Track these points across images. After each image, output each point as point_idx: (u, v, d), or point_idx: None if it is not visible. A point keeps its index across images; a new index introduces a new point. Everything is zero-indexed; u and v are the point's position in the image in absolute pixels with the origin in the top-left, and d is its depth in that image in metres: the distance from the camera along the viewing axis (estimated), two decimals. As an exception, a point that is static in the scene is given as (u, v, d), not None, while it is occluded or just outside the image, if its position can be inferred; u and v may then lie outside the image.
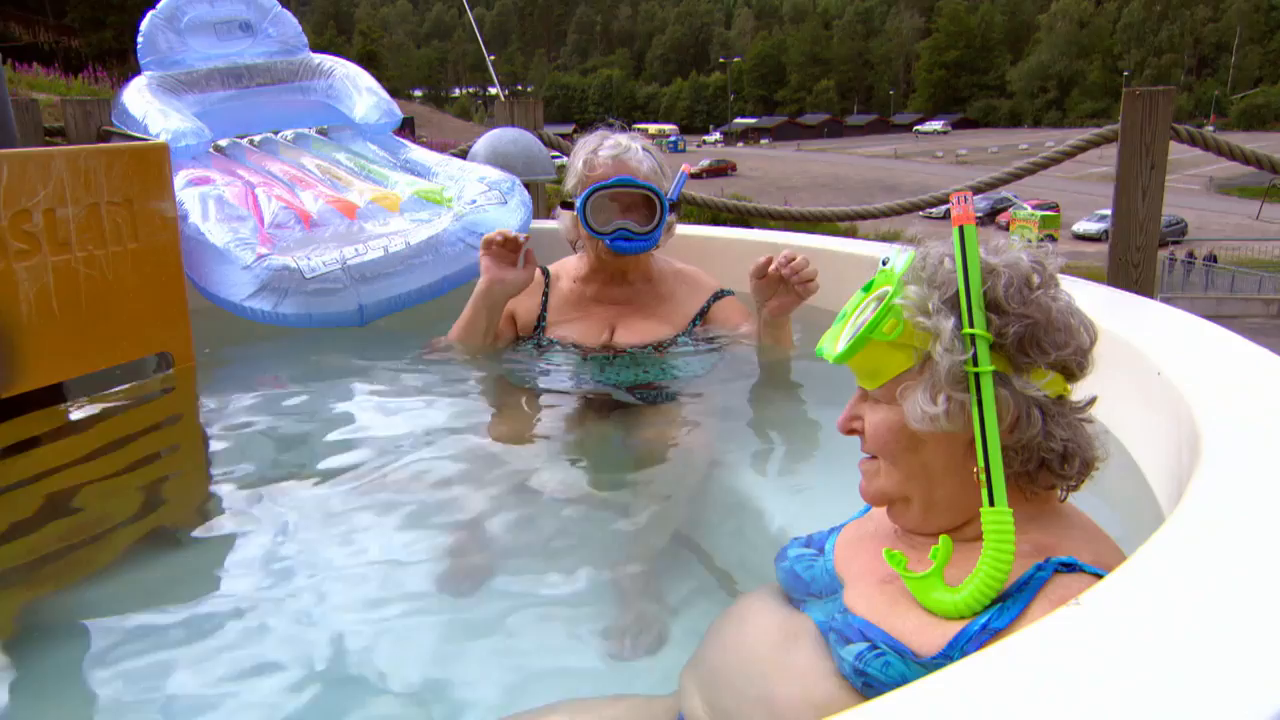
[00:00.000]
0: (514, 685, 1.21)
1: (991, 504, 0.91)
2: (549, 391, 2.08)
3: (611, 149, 2.15)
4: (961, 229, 0.94)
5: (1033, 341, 0.95)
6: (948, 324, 0.93)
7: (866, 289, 1.02)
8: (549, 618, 1.36)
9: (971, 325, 0.93)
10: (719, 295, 2.26)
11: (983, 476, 0.92)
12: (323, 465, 1.82)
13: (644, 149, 2.17)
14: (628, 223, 2.12)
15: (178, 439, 2.13)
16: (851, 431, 1.05)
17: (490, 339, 2.22)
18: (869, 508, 1.18)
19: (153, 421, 2.16)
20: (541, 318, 2.26)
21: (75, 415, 2.08)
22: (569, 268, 2.33)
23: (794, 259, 1.97)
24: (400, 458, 1.86)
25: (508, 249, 2.17)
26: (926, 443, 0.97)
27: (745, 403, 2.10)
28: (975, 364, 0.92)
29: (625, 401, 2.01)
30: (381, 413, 2.06)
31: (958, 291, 0.95)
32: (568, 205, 2.20)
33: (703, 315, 2.23)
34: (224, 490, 1.78)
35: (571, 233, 2.26)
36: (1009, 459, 0.95)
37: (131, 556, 1.56)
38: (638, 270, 2.24)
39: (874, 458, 1.03)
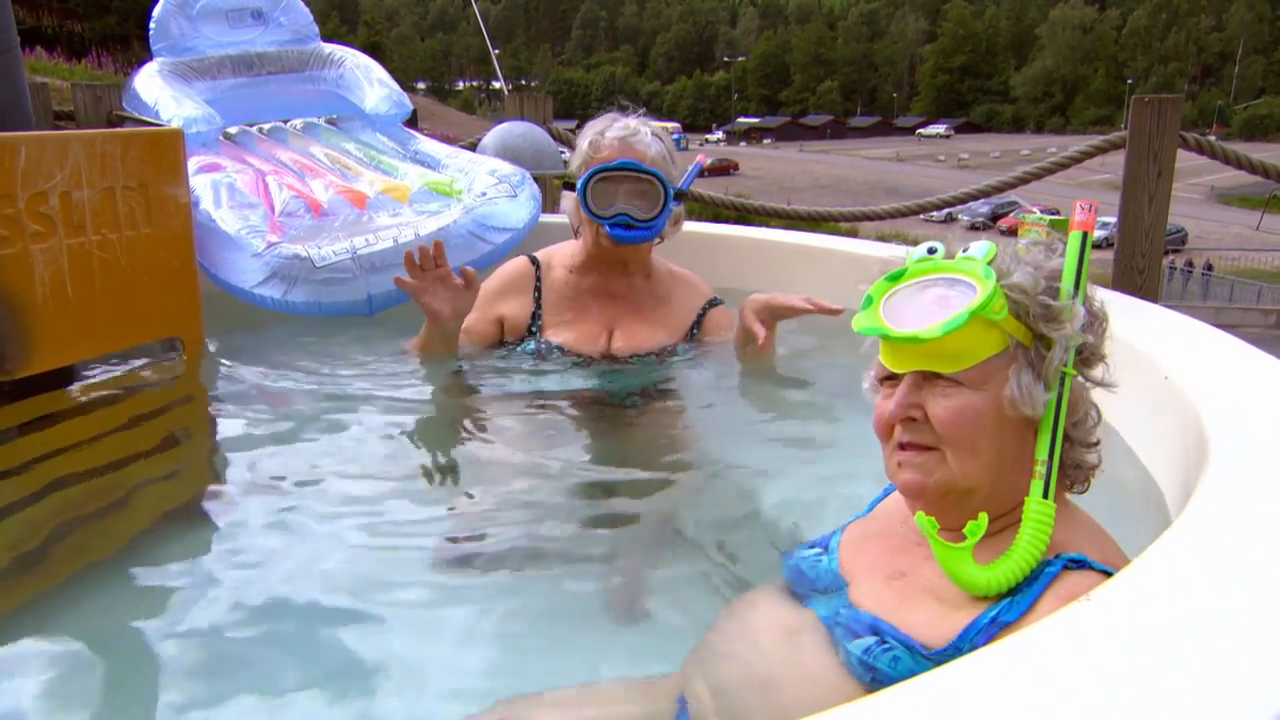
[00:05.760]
0: (514, 671, 1.22)
1: (1046, 495, 0.93)
2: (551, 394, 2.04)
3: (619, 131, 2.07)
4: (1084, 235, 0.98)
5: (1100, 342, 1.00)
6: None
7: (894, 277, 1.01)
8: (549, 607, 1.38)
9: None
10: (713, 303, 2.23)
11: (1040, 469, 0.94)
12: (326, 453, 1.83)
13: (653, 134, 2.09)
14: (630, 209, 2.04)
15: (185, 422, 2.14)
16: (908, 420, 0.98)
17: (451, 350, 2.16)
18: (871, 507, 1.19)
19: (161, 404, 2.17)
20: (536, 316, 2.18)
21: (84, 397, 2.09)
22: (561, 255, 2.23)
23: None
24: (403, 449, 1.87)
25: (424, 267, 2.03)
26: (1007, 430, 0.96)
27: (746, 405, 2.11)
28: (1067, 365, 0.96)
29: (627, 406, 2.00)
30: (386, 404, 2.07)
31: (1063, 283, 0.98)
32: (571, 186, 2.12)
33: (699, 323, 2.20)
34: (228, 474, 1.79)
35: (574, 217, 2.18)
36: (1066, 451, 0.98)
37: (137, 538, 1.56)
38: (638, 262, 2.17)
39: (929, 449, 0.97)
